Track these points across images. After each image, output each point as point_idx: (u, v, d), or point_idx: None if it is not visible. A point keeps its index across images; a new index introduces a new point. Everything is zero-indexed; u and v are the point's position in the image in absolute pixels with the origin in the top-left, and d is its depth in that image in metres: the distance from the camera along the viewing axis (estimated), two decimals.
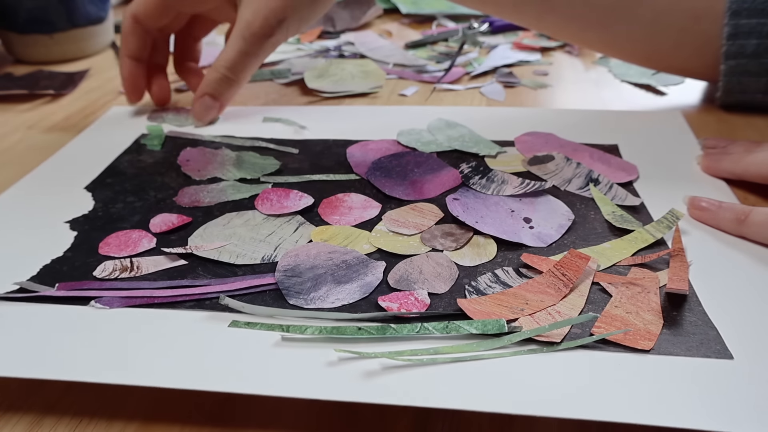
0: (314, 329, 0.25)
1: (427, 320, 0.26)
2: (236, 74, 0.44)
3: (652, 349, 0.24)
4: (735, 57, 0.43)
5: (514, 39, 0.65)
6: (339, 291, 0.28)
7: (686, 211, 0.34)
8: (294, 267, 0.29)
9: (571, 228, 0.33)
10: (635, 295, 0.27)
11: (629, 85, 0.53)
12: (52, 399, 0.24)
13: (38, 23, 0.58)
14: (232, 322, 0.26)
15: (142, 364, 0.24)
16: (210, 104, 0.45)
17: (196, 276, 0.29)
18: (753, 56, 0.43)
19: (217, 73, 0.44)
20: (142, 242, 0.32)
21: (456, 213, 0.33)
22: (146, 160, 0.41)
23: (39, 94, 0.52)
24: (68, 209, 0.35)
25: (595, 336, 0.25)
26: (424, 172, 0.38)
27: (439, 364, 0.24)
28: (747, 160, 0.36)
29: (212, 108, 0.45)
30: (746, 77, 0.44)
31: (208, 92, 0.44)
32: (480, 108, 0.48)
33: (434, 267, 0.29)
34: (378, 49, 0.61)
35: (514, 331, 0.25)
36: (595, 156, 0.40)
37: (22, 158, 0.42)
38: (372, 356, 0.24)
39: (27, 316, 0.27)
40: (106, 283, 0.29)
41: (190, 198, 0.36)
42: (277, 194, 0.36)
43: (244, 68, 0.44)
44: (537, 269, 0.29)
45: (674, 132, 0.43)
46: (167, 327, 0.26)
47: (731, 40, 0.43)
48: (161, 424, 0.23)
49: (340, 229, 0.33)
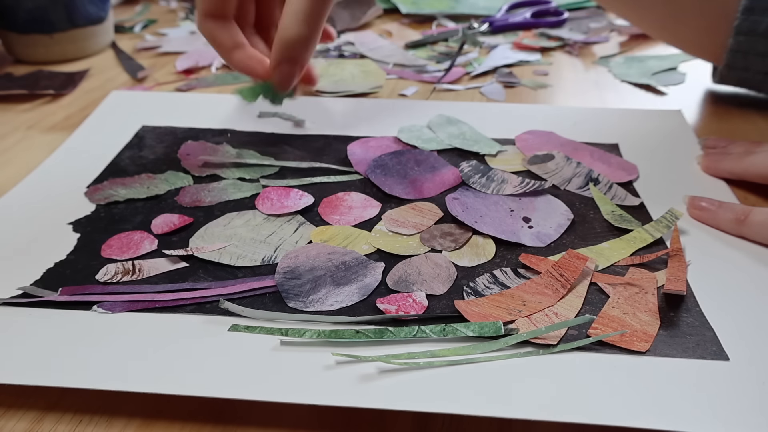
0: (313, 333, 0.25)
1: (425, 323, 0.26)
2: (311, 26, 0.36)
3: (648, 351, 0.24)
4: (746, 33, 0.42)
5: (514, 39, 0.65)
6: (338, 293, 0.28)
7: (686, 210, 0.34)
8: (293, 269, 0.30)
9: (570, 227, 0.33)
10: (633, 295, 0.27)
11: (629, 85, 0.53)
12: (52, 398, 0.24)
13: (38, 23, 0.58)
14: (231, 326, 0.26)
15: (142, 371, 0.24)
16: (290, 71, 0.38)
17: (197, 278, 0.29)
18: (764, 35, 0.42)
19: (290, 31, 0.36)
20: (143, 244, 0.32)
21: (455, 213, 0.33)
22: (147, 156, 0.41)
23: (39, 94, 0.52)
24: (70, 210, 0.35)
25: (591, 338, 0.25)
26: (424, 171, 0.38)
27: (436, 367, 0.24)
28: (747, 160, 0.36)
29: (294, 75, 0.38)
30: (752, 56, 0.43)
31: (285, 58, 0.37)
32: (481, 104, 0.48)
33: (433, 268, 0.30)
34: (378, 49, 0.61)
35: (510, 333, 0.25)
36: (596, 155, 0.40)
37: (22, 158, 0.42)
38: (369, 360, 0.24)
39: (30, 322, 0.27)
40: (109, 287, 0.29)
41: (192, 197, 0.36)
42: (277, 193, 0.36)
43: (319, 17, 0.37)
44: (535, 269, 0.29)
45: (674, 132, 0.43)
46: (168, 331, 0.26)
47: (745, 15, 0.42)
48: (161, 423, 0.23)
49: (340, 229, 0.33)
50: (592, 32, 0.66)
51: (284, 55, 0.37)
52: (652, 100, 0.50)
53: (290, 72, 0.38)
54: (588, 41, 0.64)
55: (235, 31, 0.40)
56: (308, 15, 0.36)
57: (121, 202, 0.36)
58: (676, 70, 0.56)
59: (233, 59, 0.40)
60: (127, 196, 0.36)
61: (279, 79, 0.38)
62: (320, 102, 0.49)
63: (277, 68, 0.38)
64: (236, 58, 0.40)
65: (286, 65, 0.38)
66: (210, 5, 0.39)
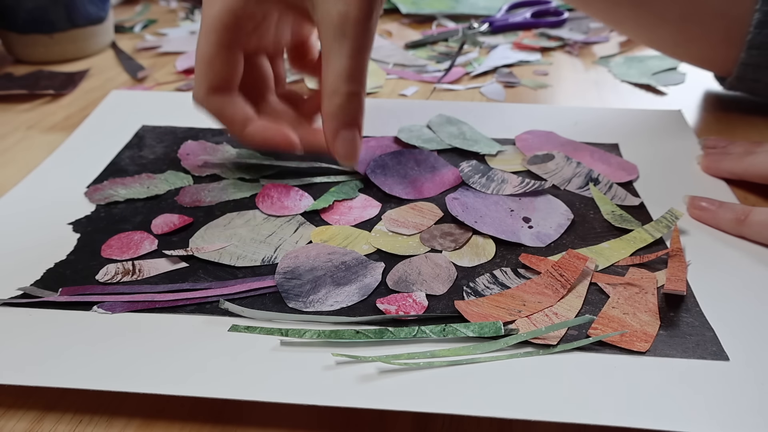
0: (313, 333, 0.25)
1: (425, 323, 0.26)
2: (359, 82, 0.33)
3: (648, 351, 0.24)
4: (759, 47, 0.42)
5: (514, 39, 0.65)
6: (338, 293, 0.28)
7: (686, 210, 0.34)
8: (293, 269, 0.30)
9: (570, 227, 0.33)
10: (633, 295, 0.27)
11: (629, 85, 0.53)
12: (52, 398, 0.24)
13: (38, 23, 0.58)
14: (231, 327, 0.26)
15: (143, 371, 0.24)
16: (351, 136, 0.34)
17: (197, 278, 0.29)
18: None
19: (338, 95, 0.33)
20: (143, 244, 0.32)
21: (455, 212, 0.33)
22: (147, 156, 0.41)
23: (39, 94, 0.52)
24: (70, 210, 0.35)
25: (591, 338, 0.25)
26: (424, 171, 0.38)
27: (436, 367, 0.24)
28: (747, 160, 0.36)
29: (356, 139, 0.34)
30: (764, 68, 0.43)
31: (341, 124, 0.34)
32: (481, 104, 0.48)
33: (433, 268, 0.30)
34: (378, 49, 0.61)
35: (510, 333, 0.25)
36: (596, 155, 0.40)
37: (22, 158, 0.42)
38: (369, 360, 0.24)
39: (30, 322, 0.27)
40: (109, 287, 0.29)
41: (192, 197, 0.36)
42: (277, 191, 0.36)
43: (363, 70, 0.33)
44: (535, 270, 0.29)
45: (674, 132, 0.43)
46: (168, 332, 0.26)
47: (759, 29, 0.41)
48: (161, 423, 0.23)
49: (340, 229, 0.33)
50: (592, 32, 0.66)
51: (339, 122, 0.34)
52: (652, 100, 0.50)
53: (353, 138, 0.34)
54: (588, 41, 0.64)
55: (243, 104, 0.36)
56: (354, 70, 0.33)
57: (121, 202, 0.36)
58: (676, 70, 0.56)
59: (248, 133, 0.36)
60: (127, 196, 0.36)
61: (344, 149, 0.34)
62: None
63: (336, 139, 0.34)
64: (252, 133, 0.36)
65: (346, 132, 0.34)
66: (217, 79, 0.35)
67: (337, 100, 0.33)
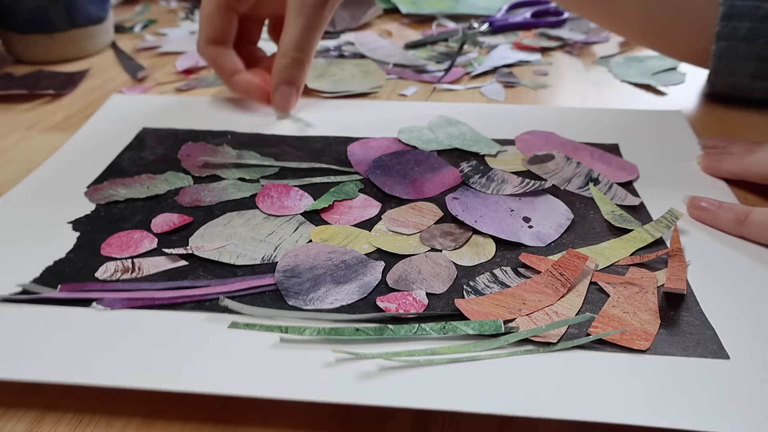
0: (312, 330, 0.25)
1: (425, 321, 0.26)
2: (305, 52, 0.43)
3: (648, 349, 0.24)
4: (726, 39, 0.43)
5: (514, 39, 0.65)
6: (338, 291, 0.28)
7: (686, 210, 0.34)
8: (293, 267, 0.30)
9: (570, 227, 0.33)
10: (633, 294, 0.27)
11: (629, 85, 0.53)
12: (52, 398, 0.24)
13: (38, 23, 0.58)
14: (231, 324, 0.26)
15: (142, 367, 0.24)
16: (288, 92, 0.44)
17: (196, 276, 0.29)
18: (745, 39, 0.43)
19: (286, 58, 0.43)
20: (143, 243, 0.32)
21: (455, 212, 0.33)
22: (148, 157, 0.41)
23: (39, 94, 0.52)
24: (70, 210, 0.35)
25: (591, 336, 0.25)
26: (424, 171, 0.38)
27: (436, 365, 0.24)
28: (747, 160, 0.36)
29: (292, 95, 0.45)
30: (736, 60, 0.44)
31: (283, 80, 0.44)
32: (481, 105, 0.48)
33: (433, 267, 0.30)
34: (378, 49, 0.61)
35: (510, 331, 0.25)
36: (596, 155, 0.40)
37: (22, 158, 0.42)
38: (369, 357, 0.24)
39: (30, 319, 0.27)
40: (108, 284, 0.29)
41: (191, 197, 0.36)
42: (277, 191, 0.36)
43: (310, 44, 0.43)
44: (535, 269, 0.29)
45: (674, 132, 0.43)
46: (168, 329, 0.26)
47: (725, 21, 0.43)
48: (161, 423, 0.23)
49: (340, 228, 0.33)
50: (592, 32, 0.66)
51: (282, 78, 0.44)
52: (652, 100, 0.50)
53: (288, 93, 0.45)
54: (588, 41, 0.64)
55: (235, 57, 0.46)
56: (303, 41, 0.43)
57: (121, 201, 0.36)
58: (676, 70, 0.56)
59: (233, 82, 0.46)
60: (127, 196, 0.36)
61: (280, 101, 0.45)
62: (320, 103, 0.49)
63: (276, 91, 0.44)
64: (236, 81, 0.46)
65: (285, 87, 0.44)
66: (214, 32, 0.45)
67: (284, 61, 0.43)
